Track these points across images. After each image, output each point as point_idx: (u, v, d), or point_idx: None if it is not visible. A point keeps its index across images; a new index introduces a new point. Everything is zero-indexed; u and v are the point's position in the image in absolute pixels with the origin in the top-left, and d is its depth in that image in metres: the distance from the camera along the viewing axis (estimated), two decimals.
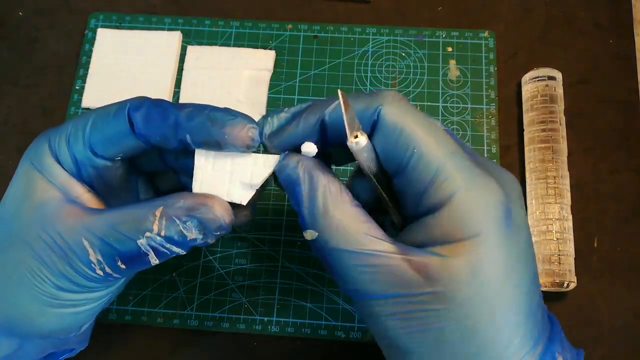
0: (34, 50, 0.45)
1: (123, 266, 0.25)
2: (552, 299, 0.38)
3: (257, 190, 0.25)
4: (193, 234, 0.24)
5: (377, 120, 0.23)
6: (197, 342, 0.37)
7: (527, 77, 0.41)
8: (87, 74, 0.43)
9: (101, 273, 0.25)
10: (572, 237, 0.37)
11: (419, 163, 0.22)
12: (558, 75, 0.40)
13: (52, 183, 0.26)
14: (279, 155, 0.25)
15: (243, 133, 0.24)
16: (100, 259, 0.24)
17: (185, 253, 0.25)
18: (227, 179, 0.24)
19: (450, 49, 0.43)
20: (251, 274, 0.38)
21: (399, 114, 0.23)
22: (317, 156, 0.25)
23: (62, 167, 0.26)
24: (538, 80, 0.40)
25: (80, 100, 0.43)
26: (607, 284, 0.38)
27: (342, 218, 0.23)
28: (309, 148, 0.24)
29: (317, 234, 0.23)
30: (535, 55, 0.43)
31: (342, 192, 0.23)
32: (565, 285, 0.36)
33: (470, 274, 0.21)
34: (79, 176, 0.27)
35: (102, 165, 0.27)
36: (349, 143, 0.22)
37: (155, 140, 0.26)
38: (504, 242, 0.22)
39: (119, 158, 0.27)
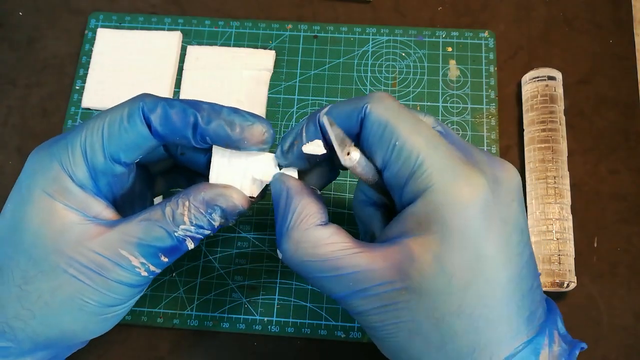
0: (34, 50, 0.45)
1: (166, 259, 0.26)
2: (552, 298, 0.37)
3: (265, 185, 0.28)
4: (217, 221, 0.26)
5: (364, 117, 0.24)
6: (197, 342, 0.37)
7: (527, 77, 0.41)
8: (87, 74, 0.43)
9: (146, 274, 0.26)
10: (572, 237, 0.37)
11: (399, 156, 0.23)
12: (558, 75, 0.40)
13: (69, 207, 0.25)
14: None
15: (259, 137, 0.26)
16: (144, 260, 0.25)
17: (213, 233, 0.27)
18: (242, 174, 0.27)
19: (450, 49, 0.43)
20: (251, 274, 0.38)
21: (383, 110, 0.24)
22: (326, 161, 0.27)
23: (79, 185, 0.26)
24: (538, 80, 0.40)
25: (80, 100, 0.43)
26: (607, 284, 0.38)
27: (302, 236, 0.24)
28: (310, 147, 0.26)
29: (281, 254, 0.25)
30: (535, 55, 0.43)
31: (313, 215, 0.25)
32: (565, 285, 0.36)
33: (437, 267, 0.22)
34: (97, 190, 0.26)
35: (122, 171, 0.27)
36: (342, 162, 0.23)
37: (175, 140, 0.26)
38: (473, 239, 0.22)
39: (139, 160, 0.27)
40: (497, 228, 0.23)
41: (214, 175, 0.27)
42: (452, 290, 0.22)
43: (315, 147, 0.25)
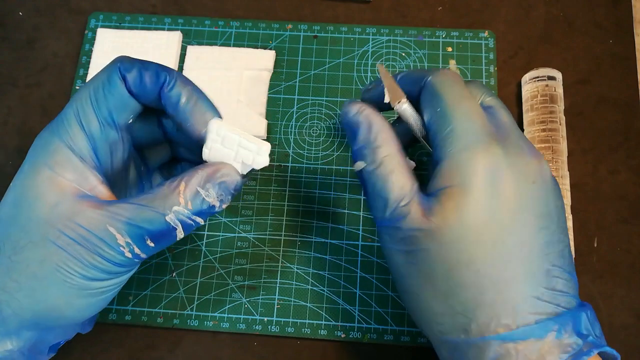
0: (34, 50, 0.45)
1: (152, 244, 0.26)
2: None
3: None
4: (214, 199, 0.27)
5: (423, 85, 0.29)
6: (197, 342, 0.37)
7: (527, 77, 0.41)
8: (87, 74, 0.43)
9: (130, 255, 0.26)
10: (572, 237, 0.37)
11: (439, 119, 0.27)
12: (558, 75, 0.40)
13: (66, 179, 0.26)
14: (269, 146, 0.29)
15: (202, 123, 0.28)
16: (129, 240, 0.26)
17: (204, 223, 0.28)
18: (233, 156, 0.28)
19: (450, 49, 0.43)
20: (251, 274, 0.38)
21: (438, 82, 0.28)
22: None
23: (78, 156, 0.27)
24: (538, 80, 0.40)
25: None
26: (607, 284, 0.38)
27: (386, 155, 0.27)
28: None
29: (364, 164, 0.28)
30: (535, 55, 0.43)
31: (393, 136, 0.28)
32: None
33: (456, 215, 0.25)
34: (96, 160, 0.27)
35: (117, 138, 0.28)
36: (394, 106, 0.30)
37: (147, 101, 0.28)
38: (489, 197, 0.25)
39: (130, 122, 0.29)
40: (510, 196, 0.25)
41: (207, 150, 0.28)
42: (466, 242, 0.25)
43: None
